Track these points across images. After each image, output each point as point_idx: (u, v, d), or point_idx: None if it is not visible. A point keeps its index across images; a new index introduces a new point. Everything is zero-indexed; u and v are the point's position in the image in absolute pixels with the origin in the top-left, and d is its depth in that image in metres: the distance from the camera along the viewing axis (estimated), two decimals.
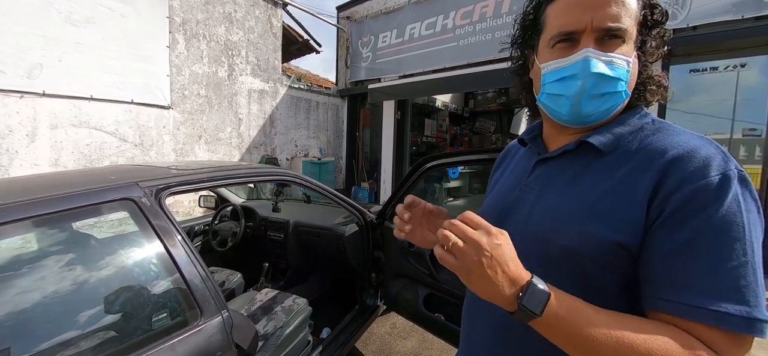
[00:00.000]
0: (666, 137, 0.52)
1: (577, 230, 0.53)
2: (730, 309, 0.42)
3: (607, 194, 0.52)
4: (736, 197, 0.45)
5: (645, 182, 0.49)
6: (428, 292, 1.96)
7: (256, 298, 1.94)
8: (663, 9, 0.57)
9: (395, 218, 0.71)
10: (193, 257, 1.17)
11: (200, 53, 5.25)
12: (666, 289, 0.46)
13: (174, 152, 5.01)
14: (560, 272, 0.54)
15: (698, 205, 0.45)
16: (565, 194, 0.57)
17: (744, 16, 3.63)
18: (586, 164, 0.57)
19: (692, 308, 0.44)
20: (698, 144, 0.49)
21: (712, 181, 0.45)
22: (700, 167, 0.46)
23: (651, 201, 0.48)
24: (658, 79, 0.58)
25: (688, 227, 0.45)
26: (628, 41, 0.54)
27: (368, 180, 7.49)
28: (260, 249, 2.72)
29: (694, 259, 0.45)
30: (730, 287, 0.43)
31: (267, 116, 6.32)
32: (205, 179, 1.41)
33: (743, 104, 3.98)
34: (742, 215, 0.44)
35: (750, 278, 0.43)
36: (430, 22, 6.16)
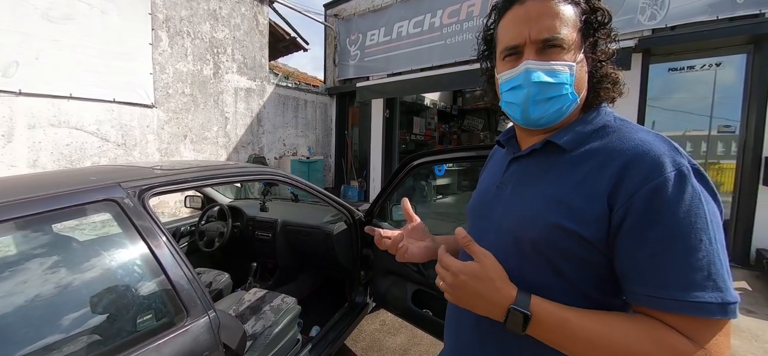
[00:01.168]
0: (624, 136, 0.55)
1: (543, 224, 0.56)
2: (705, 297, 0.45)
3: (570, 190, 0.55)
4: (695, 191, 0.48)
5: (605, 179, 0.52)
6: (416, 288, 1.98)
7: (245, 298, 1.93)
8: (606, 10, 0.60)
9: (380, 238, 0.81)
10: (178, 258, 1.16)
11: (184, 51, 5.15)
12: (646, 285, 0.49)
13: (158, 151, 4.91)
14: (534, 266, 0.58)
15: (661, 202, 0.48)
16: (533, 190, 0.61)
17: (719, 17, 3.77)
18: (552, 162, 0.60)
19: (672, 301, 0.46)
20: (652, 142, 0.52)
21: (669, 177, 0.48)
22: (656, 165, 0.49)
23: (611, 197, 0.51)
24: (613, 77, 0.61)
25: (656, 223, 0.48)
26: (568, 48, 0.57)
27: (357, 178, 7.48)
28: (248, 249, 2.69)
29: (666, 254, 0.47)
30: (702, 277, 0.46)
31: (254, 114, 6.25)
32: (191, 179, 1.40)
33: (720, 102, 4.14)
34: (703, 207, 0.47)
35: (718, 265, 0.46)
36: (417, 21, 6.18)
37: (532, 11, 0.58)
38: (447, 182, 8.13)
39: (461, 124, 10.92)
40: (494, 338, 0.62)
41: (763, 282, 3.35)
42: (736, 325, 2.58)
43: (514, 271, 0.57)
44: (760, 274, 3.48)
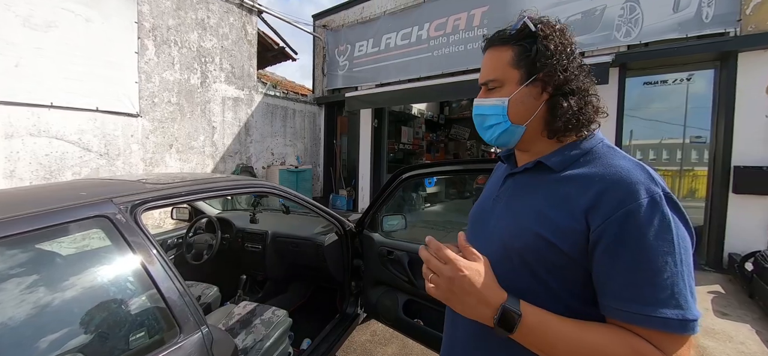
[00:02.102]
0: (607, 162, 0.61)
1: (528, 234, 0.62)
2: (668, 314, 0.51)
3: (553, 206, 0.61)
4: (665, 216, 0.53)
5: (584, 200, 0.58)
6: (408, 298, 2.00)
7: (234, 312, 1.92)
8: (547, 42, 0.64)
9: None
10: (171, 274, 1.16)
11: (171, 60, 5.10)
12: (617, 300, 0.54)
13: (143, 161, 4.82)
14: (519, 274, 0.63)
15: (633, 226, 0.53)
16: (523, 204, 0.67)
17: (688, 35, 4.00)
18: (542, 180, 0.67)
19: (640, 316, 0.52)
20: (630, 169, 0.57)
21: (642, 203, 0.53)
22: (632, 192, 0.54)
23: (589, 217, 0.56)
24: (586, 111, 0.66)
25: (628, 245, 0.53)
26: (506, 84, 0.68)
27: (346, 187, 7.49)
28: (237, 261, 2.67)
29: (636, 274, 0.52)
30: (666, 296, 0.51)
31: (242, 123, 6.21)
32: (184, 192, 1.40)
33: (692, 113, 4.36)
34: (671, 232, 0.52)
35: (680, 285, 0.51)
36: (405, 33, 6.31)
37: (484, 60, 0.72)
38: (435, 190, 8.21)
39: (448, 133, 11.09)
40: (488, 335, 0.65)
41: (735, 284, 3.52)
42: (711, 327, 2.70)
43: (502, 278, 0.62)
44: (733, 277, 3.65)
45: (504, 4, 5.20)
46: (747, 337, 2.56)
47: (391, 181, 1.99)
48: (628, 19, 4.30)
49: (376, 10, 6.68)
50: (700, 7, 3.93)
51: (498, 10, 5.26)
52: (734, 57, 3.78)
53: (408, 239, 2.13)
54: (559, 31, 0.66)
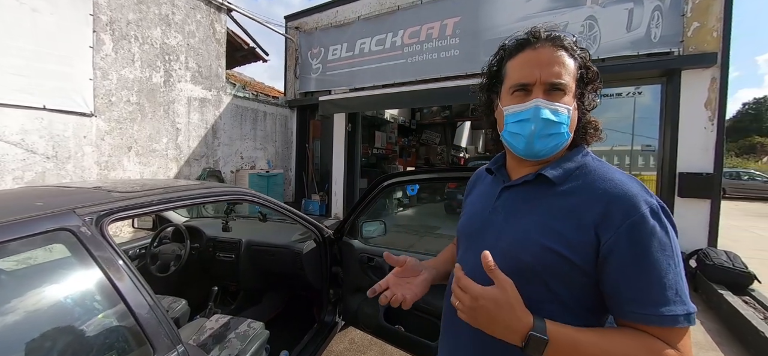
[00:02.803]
0: (604, 176, 0.65)
1: (538, 248, 0.63)
2: (676, 310, 0.56)
3: (561, 220, 0.63)
4: (663, 224, 0.58)
5: (592, 215, 0.61)
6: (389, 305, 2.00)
7: (206, 326, 1.82)
8: (595, 69, 0.70)
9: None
10: (143, 291, 1.08)
11: (131, 56, 4.77)
12: (632, 303, 0.58)
13: (97, 165, 4.45)
14: (529, 286, 0.63)
15: (639, 235, 0.57)
16: (527, 218, 0.67)
17: (639, 53, 4.37)
18: (543, 193, 0.68)
19: (655, 316, 0.56)
20: (627, 183, 0.62)
21: (644, 214, 0.58)
22: (634, 204, 0.59)
23: (598, 230, 0.60)
24: (595, 124, 0.72)
25: (637, 253, 0.57)
26: (568, 93, 0.67)
27: (319, 192, 7.37)
28: (208, 272, 2.53)
29: (646, 278, 0.57)
30: (673, 294, 0.56)
31: (209, 125, 5.93)
32: (156, 201, 1.31)
33: (642, 124, 4.75)
34: (668, 237, 0.58)
35: (681, 284, 0.57)
36: (379, 39, 6.35)
37: (544, 56, 0.67)
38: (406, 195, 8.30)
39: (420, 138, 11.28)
40: (491, 344, 0.65)
41: None
42: None
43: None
44: None
45: (476, 16, 5.40)
46: (694, 328, 2.81)
47: (372, 188, 1.99)
48: (587, 35, 4.62)
49: (350, 15, 6.68)
50: (649, 27, 4.31)
51: (470, 22, 5.45)
52: (678, 74, 4.18)
53: (388, 245, 2.14)
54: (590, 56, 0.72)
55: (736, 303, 2.85)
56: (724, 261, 3.32)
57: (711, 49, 4.01)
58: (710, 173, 4.05)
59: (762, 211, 10.78)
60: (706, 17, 4.07)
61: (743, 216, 9.37)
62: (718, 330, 2.80)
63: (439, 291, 0.92)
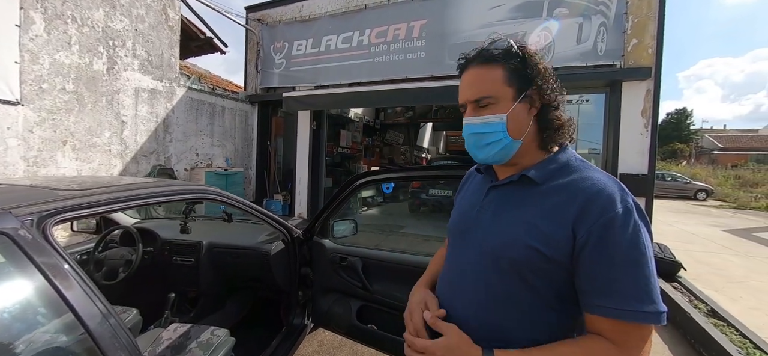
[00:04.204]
0: (585, 176, 0.68)
1: (521, 245, 0.67)
2: (646, 308, 0.58)
3: (543, 218, 0.67)
4: (636, 223, 0.60)
5: (571, 212, 0.64)
6: (361, 304, 1.98)
7: (163, 337, 1.68)
8: (540, 65, 0.71)
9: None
10: (95, 299, 0.97)
11: (67, 39, 4.27)
12: (601, 298, 0.61)
13: (24, 160, 3.92)
14: (509, 280, 0.69)
15: (613, 232, 0.60)
16: (512, 216, 0.71)
17: (587, 64, 4.77)
18: (527, 193, 0.72)
19: (624, 311, 0.58)
20: (606, 182, 0.65)
21: (619, 212, 0.61)
22: (611, 202, 0.62)
23: (575, 226, 0.63)
24: (557, 123, 0.73)
25: (609, 249, 0.60)
26: (498, 103, 0.70)
27: (282, 192, 7.12)
28: (163, 278, 2.34)
29: (617, 273, 0.59)
30: (644, 293, 0.58)
31: (160, 119, 5.48)
32: (108, 201, 1.18)
33: (589, 129, 5.17)
34: (641, 235, 0.60)
35: (653, 282, 0.59)
36: (346, 37, 6.29)
37: (470, 77, 0.73)
38: (371, 193, 8.32)
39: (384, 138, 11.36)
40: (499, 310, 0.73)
41: None
42: None
43: (492, 285, 0.70)
44: None
45: (441, 20, 5.54)
46: None
47: (346, 187, 1.96)
48: (542, 46, 4.94)
49: (316, 10, 6.53)
50: (596, 42, 4.72)
51: (436, 25, 5.58)
52: (620, 85, 4.63)
53: (356, 244, 2.12)
54: (534, 53, 0.73)
55: (667, 289, 3.22)
56: (657, 253, 3.73)
57: (646, 64, 4.49)
58: (645, 174, 4.54)
59: (682, 208, 12.28)
60: (642, 35, 4.55)
61: (667, 213, 10.61)
62: None
63: (412, 286, 0.98)
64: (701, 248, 5.96)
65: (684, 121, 31.62)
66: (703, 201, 15.20)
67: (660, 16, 4.47)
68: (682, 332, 2.79)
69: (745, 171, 19.67)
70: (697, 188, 16.01)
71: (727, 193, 15.82)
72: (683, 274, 3.66)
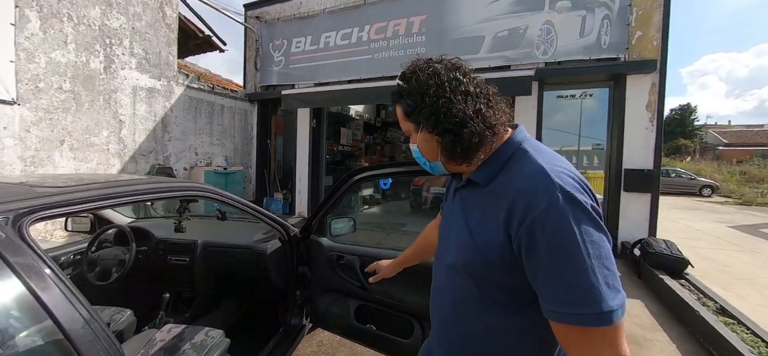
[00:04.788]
0: (517, 170, 0.65)
1: (467, 249, 0.68)
2: (582, 310, 0.53)
3: (483, 222, 0.67)
4: (565, 218, 0.54)
5: (502, 213, 0.62)
6: (359, 304, 1.93)
7: (156, 338, 1.63)
8: (409, 104, 0.73)
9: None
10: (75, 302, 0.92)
11: (64, 37, 4.23)
12: (545, 301, 0.58)
13: (21, 160, 3.89)
14: (464, 284, 0.71)
15: (539, 233, 0.56)
16: (463, 221, 0.72)
17: (591, 57, 4.68)
18: (475, 195, 0.72)
19: (562, 314, 0.55)
20: (534, 176, 0.60)
21: (542, 210, 0.56)
22: (532, 201, 0.57)
23: (507, 228, 0.60)
24: (467, 142, 0.68)
25: (537, 252, 0.56)
26: (411, 133, 0.77)
27: (282, 191, 7.08)
28: (158, 278, 2.29)
29: (550, 276, 0.56)
30: (577, 294, 0.53)
31: (158, 118, 5.44)
32: (91, 198, 1.12)
33: (592, 124, 5.09)
34: (572, 231, 0.54)
35: (592, 280, 0.52)
36: (345, 33, 6.22)
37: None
38: (372, 192, 8.27)
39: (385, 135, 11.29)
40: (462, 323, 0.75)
41: (628, 267, 4.20)
42: None
43: (456, 290, 0.73)
44: (625, 261, 4.37)
45: (441, 15, 5.47)
46: (640, 311, 3.07)
47: (343, 183, 1.90)
48: (545, 39, 4.86)
49: (315, 7, 6.47)
50: (600, 34, 4.63)
51: (436, 20, 5.51)
52: (624, 78, 4.54)
53: (358, 242, 2.07)
54: (428, 75, 0.69)
55: (675, 286, 3.15)
56: (663, 249, 3.66)
57: (651, 57, 4.40)
58: (651, 170, 4.45)
59: (687, 204, 12.16)
60: (647, 28, 4.46)
61: (672, 209, 10.50)
62: (661, 312, 3.07)
63: (412, 286, 0.98)
64: (707, 244, 5.87)
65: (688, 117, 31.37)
66: (708, 198, 15.06)
67: (665, 8, 4.38)
68: (690, 330, 2.72)
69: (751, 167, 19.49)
70: (701, 185, 15.87)
71: (732, 189, 15.65)
72: (690, 271, 3.59)
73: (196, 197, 1.61)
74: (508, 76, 4.63)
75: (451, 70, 0.70)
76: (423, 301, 1.38)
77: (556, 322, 0.57)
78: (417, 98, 0.70)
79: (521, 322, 0.66)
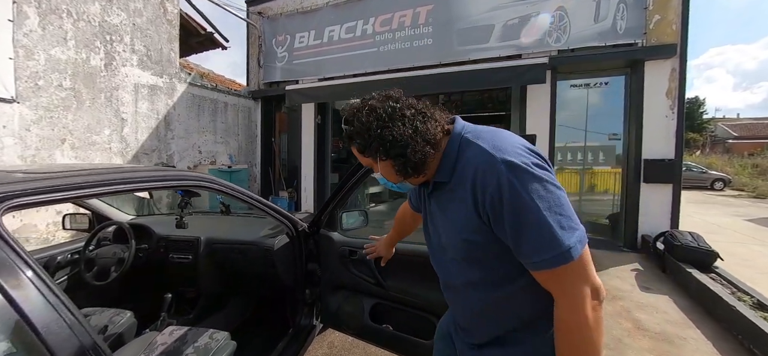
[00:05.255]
0: (464, 160, 0.75)
1: (459, 241, 0.78)
2: (546, 255, 0.64)
3: (458, 213, 0.76)
4: (512, 185, 0.65)
5: (468, 198, 0.72)
6: (375, 302, 1.79)
7: (157, 341, 1.51)
8: (359, 143, 0.80)
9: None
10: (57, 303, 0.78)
11: (63, 34, 4.13)
12: (521, 257, 0.69)
13: (22, 160, 3.80)
14: (461, 268, 0.83)
15: (497, 204, 0.67)
16: (446, 218, 0.81)
17: (606, 44, 4.49)
18: (444, 194, 0.81)
19: (533, 263, 0.67)
20: (476, 159, 0.71)
21: (493, 185, 0.67)
22: (484, 181, 0.68)
23: (476, 209, 0.71)
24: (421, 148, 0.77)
25: (503, 219, 0.67)
26: (374, 167, 0.84)
27: (287, 189, 6.97)
28: (160, 277, 2.18)
29: (518, 234, 0.66)
30: (540, 244, 0.64)
31: (161, 116, 5.34)
32: (75, 185, 0.99)
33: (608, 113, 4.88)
34: (521, 193, 0.64)
35: (547, 228, 0.64)
36: (349, 26, 6.08)
37: None
38: (379, 190, 8.14)
39: None
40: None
41: (650, 261, 4.02)
42: (639, 301, 2.99)
43: (453, 274, 0.86)
44: (647, 255, 4.18)
45: (448, 4, 5.30)
46: (668, 307, 2.89)
47: (354, 171, 1.76)
48: (558, 26, 4.68)
49: (318, 1, 6.34)
50: (615, 19, 4.44)
51: (443, 10, 5.34)
52: (642, 65, 4.34)
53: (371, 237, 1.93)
54: (366, 113, 0.78)
55: (706, 281, 2.96)
56: (690, 242, 3.47)
57: (671, 41, 4.20)
58: (672, 159, 4.26)
59: (700, 198, 11.86)
60: (666, 11, 4.26)
61: (686, 204, 10.21)
62: (691, 307, 2.89)
63: (434, 281, 0.97)
64: (725, 238, 5.64)
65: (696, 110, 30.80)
66: (720, 191, 14.72)
67: None
68: (725, 326, 2.55)
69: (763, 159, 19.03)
70: (713, 178, 15.52)
71: (745, 182, 15.27)
72: (719, 264, 3.40)
73: (194, 187, 1.47)
74: (520, 64, 4.46)
75: (385, 101, 0.79)
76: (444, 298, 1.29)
77: (533, 271, 0.68)
78: (364, 136, 0.78)
79: (522, 282, 0.74)
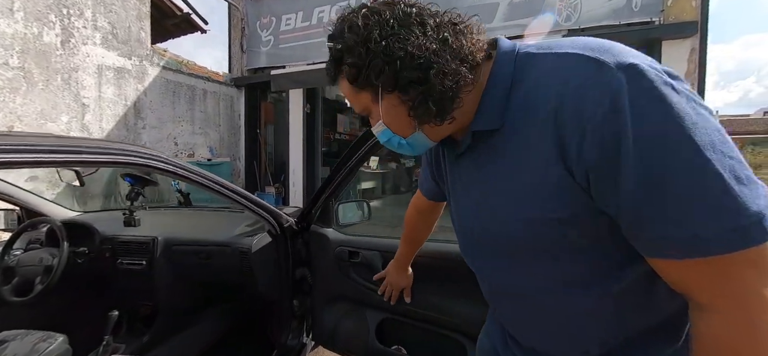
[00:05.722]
0: (536, 78, 0.44)
1: (523, 220, 0.48)
2: (707, 230, 0.34)
3: (523, 174, 0.46)
4: (644, 103, 0.35)
5: (545, 143, 0.42)
6: (382, 317, 1.42)
7: None
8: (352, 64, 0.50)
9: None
10: None
11: (9, 3, 3.57)
12: (645, 234, 0.38)
13: None
14: (537, 266, 0.50)
15: (613, 140, 0.36)
16: (492, 191, 0.52)
17: (620, 22, 4.19)
18: (488, 151, 0.51)
19: (677, 242, 0.36)
20: (564, 68, 0.41)
21: (607, 107, 0.36)
22: (583, 99, 0.38)
23: (562, 158, 0.41)
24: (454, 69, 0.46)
25: (622, 167, 0.36)
26: (370, 110, 0.54)
27: (274, 184, 6.50)
28: (103, 290, 1.73)
29: (649, 195, 0.36)
30: (698, 205, 0.34)
31: (130, 102, 4.79)
32: None
33: None
34: (662, 116, 0.35)
35: (713, 178, 0.33)
36: (341, 6, 5.61)
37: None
38: (371, 185, 7.82)
39: None
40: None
41: None
42: None
43: (510, 275, 0.55)
44: None
45: None
46: None
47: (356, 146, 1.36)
48: (568, 4, 4.35)
49: None
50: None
51: None
52: (659, 44, 4.06)
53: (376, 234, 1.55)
54: (364, 17, 0.49)
55: None
56: None
57: (691, 18, 3.93)
58: None
59: None
60: None
61: None
62: None
63: (460, 290, 0.82)
64: None
65: None
66: None
67: None
68: None
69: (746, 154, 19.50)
70: None
71: None
72: None
73: (129, 164, 1.02)
74: None
75: (392, 4, 0.49)
76: (477, 310, 1.02)
77: (665, 259, 0.38)
78: (360, 52, 0.48)
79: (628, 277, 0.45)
